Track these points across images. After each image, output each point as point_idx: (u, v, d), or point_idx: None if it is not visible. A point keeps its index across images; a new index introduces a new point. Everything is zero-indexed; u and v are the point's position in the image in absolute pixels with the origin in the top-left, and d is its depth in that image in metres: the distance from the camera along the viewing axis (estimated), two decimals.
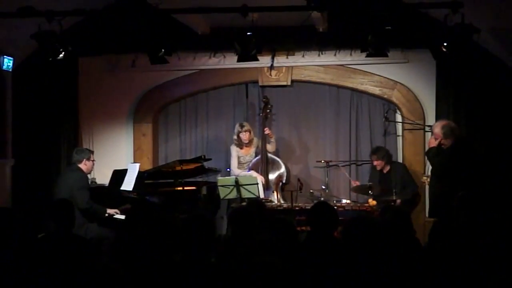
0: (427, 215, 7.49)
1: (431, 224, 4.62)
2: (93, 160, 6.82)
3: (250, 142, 7.64)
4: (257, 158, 7.64)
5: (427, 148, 7.55)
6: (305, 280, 3.40)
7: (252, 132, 7.64)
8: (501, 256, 3.71)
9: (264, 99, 7.81)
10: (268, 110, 7.75)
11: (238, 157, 7.67)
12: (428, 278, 3.49)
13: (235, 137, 7.63)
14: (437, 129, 6.68)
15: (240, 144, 7.63)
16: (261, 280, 2.74)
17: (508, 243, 3.97)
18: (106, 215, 6.68)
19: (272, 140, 7.66)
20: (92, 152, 6.91)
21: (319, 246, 3.95)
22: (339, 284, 3.43)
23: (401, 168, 7.50)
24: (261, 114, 7.78)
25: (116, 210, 6.74)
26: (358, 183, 7.59)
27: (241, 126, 7.60)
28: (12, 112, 7.50)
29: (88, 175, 6.99)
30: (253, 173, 7.38)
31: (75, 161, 6.75)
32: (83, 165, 6.70)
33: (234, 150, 7.68)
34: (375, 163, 7.46)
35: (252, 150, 7.68)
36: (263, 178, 7.39)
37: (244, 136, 7.56)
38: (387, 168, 7.45)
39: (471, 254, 3.65)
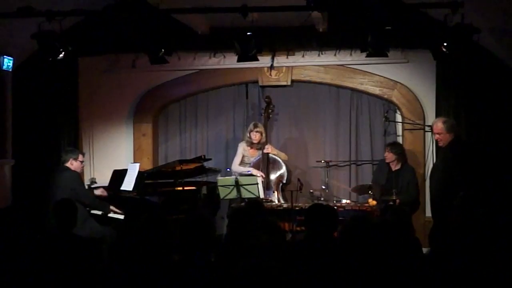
0: (427, 215, 7.50)
1: (431, 224, 4.63)
2: (81, 161, 6.76)
3: (259, 145, 7.59)
4: (258, 157, 7.63)
5: (427, 148, 7.57)
6: (304, 281, 3.40)
7: (263, 136, 7.58)
8: (502, 256, 3.71)
9: (266, 99, 7.79)
10: (270, 110, 7.74)
11: (244, 156, 7.65)
12: (428, 278, 3.49)
13: (247, 135, 7.61)
14: (439, 123, 6.69)
15: (251, 144, 7.60)
16: (261, 281, 2.74)
17: (509, 243, 3.97)
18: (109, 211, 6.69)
19: (275, 153, 7.60)
20: (83, 154, 6.87)
21: (317, 247, 3.95)
22: (338, 284, 3.43)
23: (411, 171, 7.34)
24: (263, 114, 7.77)
25: (119, 211, 6.73)
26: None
27: (255, 125, 7.56)
28: (12, 112, 7.50)
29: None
30: (253, 170, 7.38)
31: (63, 160, 6.75)
32: (70, 165, 6.68)
33: (242, 148, 7.64)
34: (386, 154, 7.35)
35: (258, 153, 7.64)
36: (263, 174, 7.38)
37: (254, 136, 7.53)
38: (398, 166, 7.33)
39: (472, 254, 3.65)
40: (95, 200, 6.60)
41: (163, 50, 6.28)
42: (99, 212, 6.77)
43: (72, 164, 6.68)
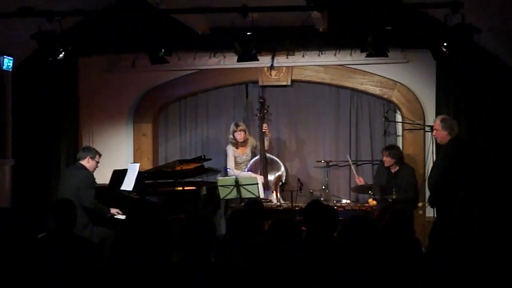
0: (427, 214, 7.50)
1: (431, 224, 4.62)
2: (97, 161, 6.77)
3: (245, 142, 7.66)
4: (255, 158, 7.64)
5: (427, 148, 7.56)
6: (304, 280, 3.40)
7: (247, 132, 7.65)
8: (502, 256, 3.71)
9: (261, 99, 7.80)
10: (265, 111, 7.74)
11: (235, 157, 7.67)
12: (428, 278, 3.49)
13: (230, 136, 7.63)
14: (438, 120, 6.75)
15: (236, 144, 7.64)
16: (260, 280, 2.75)
17: (509, 243, 3.97)
18: (109, 215, 6.68)
19: (267, 139, 7.65)
20: (99, 154, 6.84)
21: (317, 247, 3.95)
22: (338, 284, 3.43)
23: (410, 172, 7.38)
24: (258, 115, 7.77)
25: (118, 210, 6.73)
26: (362, 180, 7.53)
27: (236, 125, 7.61)
28: (12, 112, 7.51)
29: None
30: (252, 175, 7.39)
31: (79, 158, 6.75)
32: (86, 163, 6.68)
33: (231, 150, 7.68)
34: (384, 158, 7.41)
35: (247, 150, 7.70)
36: (262, 177, 7.40)
37: (239, 136, 7.57)
38: (396, 168, 7.38)
39: (472, 254, 3.65)
40: (96, 205, 6.57)
41: (163, 50, 6.28)
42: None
43: (89, 162, 6.68)
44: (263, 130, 7.59)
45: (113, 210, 6.74)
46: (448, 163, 6.53)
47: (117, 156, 8.24)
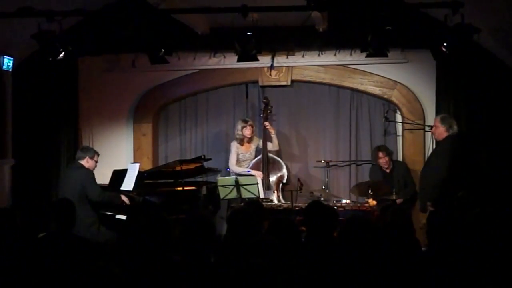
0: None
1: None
2: (96, 161, 6.79)
3: (251, 139, 7.65)
4: (258, 157, 7.64)
5: (427, 148, 7.57)
6: (304, 280, 3.40)
7: (254, 128, 7.64)
8: (502, 256, 3.71)
9: (264, 100, 7.80)
10: (268, 111, 7.75)
11: (238, 154, 7.67)
12: (428, 278, 3.49)
13: (239, 132, 7.62)
14: (438, 117, 6.85)
15: (242, 140, 7.63)
16: (260, 281, 2.75)
17: (509, 243, 3.97)
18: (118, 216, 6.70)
19: (273, 135, 7.66)
20: (97, 154, 6.85)
21: (317, 246, 3.95)
22: (337, 284, 3.43)
23: (403, 167, 7.51)
24: (261, 115, 7.77)
25: (127, 200, 6.75)
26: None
27: (245, 121, 7.61)
28: (12, 112, 7.51)
29: None
30: (252, 172, 7.39)
31: (78, 158, 6.76)
32: (85, 163, 6.69)
33: (235, 146, 7.67)
34: (381, 160, 7.44)
35: (252, 148, 7.69)
36: (261, 173, 7.40)
37: (247, 131, 7.56)
38: (390, 166, 7.46)
39: (471, 254, 3.65)
40: (104, 196, 6.62)
41: (163, 50, 6.28)
42: (109, 213, 6.78)
43: (88, 162, 6.70)
44: (266, 127, 7.59)
45: (124, 198, 6.75)
46: (442, 159, 6.56)
47: (117, 156, 8.23)
